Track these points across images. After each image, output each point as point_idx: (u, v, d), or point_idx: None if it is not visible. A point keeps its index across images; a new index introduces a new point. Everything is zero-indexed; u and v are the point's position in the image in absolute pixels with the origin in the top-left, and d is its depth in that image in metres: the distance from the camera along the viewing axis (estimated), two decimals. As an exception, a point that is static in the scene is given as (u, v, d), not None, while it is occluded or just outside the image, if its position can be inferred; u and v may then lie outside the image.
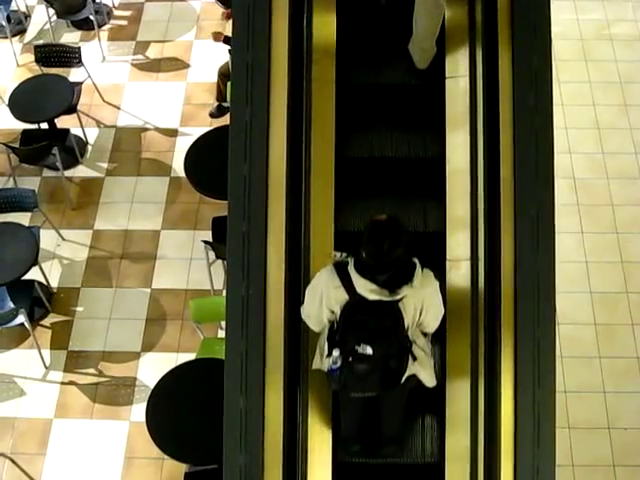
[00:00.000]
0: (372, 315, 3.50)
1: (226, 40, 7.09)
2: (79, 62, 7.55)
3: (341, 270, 3.51)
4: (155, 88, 8.10)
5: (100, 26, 8.56)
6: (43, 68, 7.60)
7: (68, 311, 6.57)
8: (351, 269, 3.47)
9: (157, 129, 7.74)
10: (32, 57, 7.70)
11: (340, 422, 4.18)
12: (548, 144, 3.80)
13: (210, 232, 6.35)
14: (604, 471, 5.58)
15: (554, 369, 3.69)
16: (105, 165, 7.49)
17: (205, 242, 6.11)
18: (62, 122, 7.39)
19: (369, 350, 3.48)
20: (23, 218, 6.71)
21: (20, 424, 6.03)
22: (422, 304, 3.56)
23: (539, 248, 3.73)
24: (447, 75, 4.48)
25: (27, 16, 8.87)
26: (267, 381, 3.77)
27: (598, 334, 6.15)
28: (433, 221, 4.52)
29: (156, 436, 5.10)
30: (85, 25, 8.60)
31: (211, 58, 8.00)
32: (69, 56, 7.55)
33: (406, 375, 3.70)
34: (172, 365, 5.61)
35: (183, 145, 7.17)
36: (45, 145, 6.83)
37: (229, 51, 6.70)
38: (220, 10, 8.11)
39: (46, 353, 6.32)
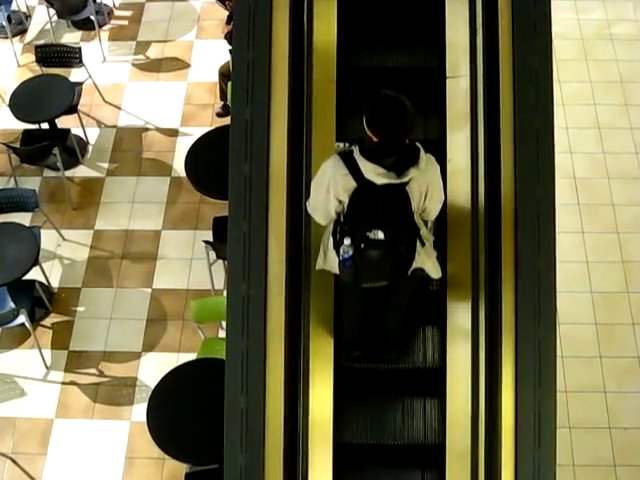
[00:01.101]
0: (381, 200, 3.51)
1: (228, 38, 7.10)
2: (80, 62, 7.56)
3: (347, 158, 3.52)
4: (156, 88, 8.10)
5: (101, 26, 8.56)
6: (44, 68, 7.60)
7: (69, 311, 6.57)
8: (357, 156, 3.48)
9: (158, 129, 7.74)
10: (33, 57, 7.70)
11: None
12: (549, 144, 3.80)
13: (211, 232, 6.35)
14: (605, 471, 5.58)
15: (555, 369, 3.69)
16: (106, 165, 7.50)
17: (206, 242, 6.11)
18: (63, 122, 7.40)
19: (380, 235, 3.50)
20: (24, 218, 6.71)
21: (21, 424, 6.03)
22: (427, 188, 3.60)
23: (540, 248, 3.73)
24: (447, 75, 4.48)
25: (28, 16, 8.87)
26: (268, 381, 3.77)
27: (599, 334, 6.15)
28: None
29: (157, 436, 5.10)
30: (86, 25, 8.61)
31: (212, 58, 8.01)
32: (70, 56, 7.55)
33: (413, 267, 3.72)
34: (173, 365, 5.60)
35: (184, 145, 7.18)
36: (46, 145, 6.83)
37: (230, 51, 6.71)
38: (221, 10, 8.10)
39: (47, 353, 6.33)
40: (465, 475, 4.03)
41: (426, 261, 3.82)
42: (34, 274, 6.32)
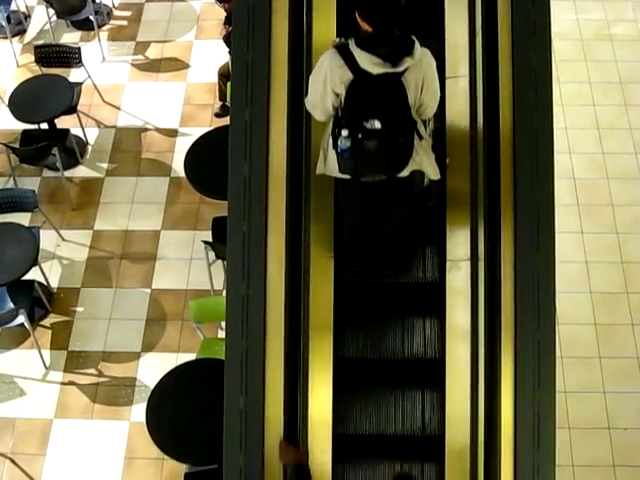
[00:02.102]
0: (378, 90, 3.57)
1: (226, 39, 7.10)
2: (79, 62, 7.55)
3: (343, 50, 3.58)
4: (155, 88, 8.10)
5: (100, 26, 8.56)
6: (43, 68, 7.60)
7: (68, 311, 6.57)
8: (353, 47, 3.54)
9: (157, 129, 7.74)
10: (32, 57, 7.70)
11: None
12: (548, 144, 3.80)
13: (210, 232, 6.35)
14: (604, 471, 5.58)
15: (554, 369, 3.69)
16: (105, 165, 7.49)
17: (205, 242, 6.11)
18: (62, 122, 7.39)
19: (377, 124, 3.55)
20: (23, 218, 6.71)
21: (20, 424, 6.03)
22: (422, 79, 3.64)
23: (539, 248, 3.73)
24: (447, 75, 4.48)
25: (27, 16, 8.87)
26: (267, 381, 3.77)
27: (598, 334, 6.15)
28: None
29: (156, 436, 5.10)
30: (85, 25, 8.60)
31: (211, 58, 8.01)
32: (69, 56, 7.55)
33: (410, 168, 3.77)
34: (172, 365, 5.61)
35: (183, 145, 7.17)
36: (45, 145, 6.83)
37: (229, 52, 6.71)
38: (220, 11, 8.10)
39: (46, 353, 6.32)
40: (464, 475, 4.03)
41: (424, 161, 3.85)
42: (33, 274, 6.32)
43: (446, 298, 4.26)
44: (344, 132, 3.62)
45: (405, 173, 3.81)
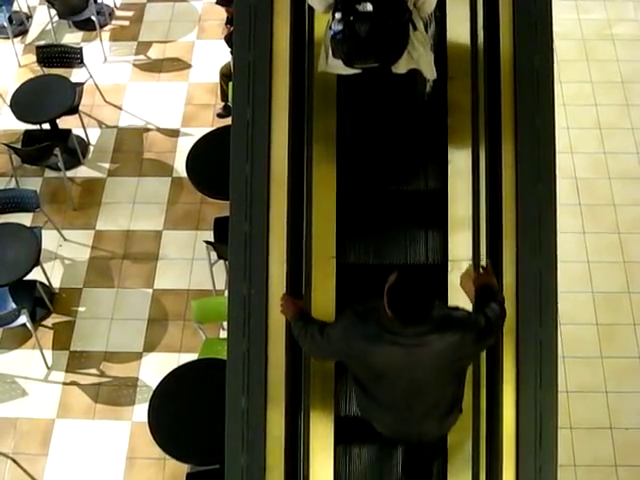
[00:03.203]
0: None
1: (228, 39, 7.10)
2: (81, 63, 7.56)
3: None
4: (157, 88, 8.10)
5: (102, 26, 8.56)
6: (45, 69, 7.60)
7: (70, 311, 6.57)
8: None
9: (159, 129, 7.75)
10: (34, 58, 7.71)
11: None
12: (550, 144, 3.80)
13: (212, 232, 6.35)
14: (606, 471, 5.58)
15: (556, 369, 3.69)
16: (107, 165, 7.50)
17: (207, 242, 6.11)
18: (64, 122, 7.40)
19: (369, 7, 3.58)
20: (25, 218, 6.71)
21: (22, 424, 6.04)
22: None
23: (541, 248, 3.73)
24: (449, 76, 4.48)
25: (29, 17, 8.88)
26: (269, 381, 3.77)
27: (600, 334, 6.15)
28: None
29: (158, 436, 5.10)
30: (87, 26, 8.60)
31: (213, 58, 8.01)
32: (71, 57, 7.55)
33: (407, 64, 3.77)
34: (174, 365, 5.60)
35: (185, 145, 7.18)
36: (47, 146, 6.83)
37: (231, 52, 6.71)
38: (221, 11, 8.10)
39: (48, 353, 6.33)
40: (467, 476, 4.03)
41: (422, 58, 3.84)
42: (35, 274, 6.32)
43: (447, 296, 4.25)
44: (337, 15, 3.65)
45: (402, 69, 3.80)
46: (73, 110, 7.29)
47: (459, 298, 3.82)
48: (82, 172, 7.47)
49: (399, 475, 4.24)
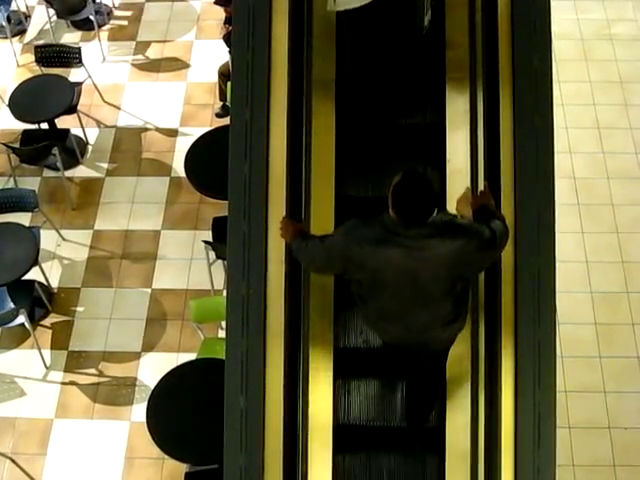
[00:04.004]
0: None
1: (226, 39, 7.10)
2: (79, 62, 7.55)
3: None
4: (155, 88, 8.10)
5: (100, 26, 8.56)
6: (43, 68, 7.60)
7: (68, 311, 6.57)
8: None
9: (157, 129, 7.74)
10: (32, 57, 7.70)
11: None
12: (548, 144, 3.80)
13: (210, 232, 6.35)
14: (604, 471, 5.58)
15: (554, 369, 3.69)
16: (105, 165, 7.49)
17: (205, 242, 6.11)
18: (62, 122, 7.39)
19: None
20: (23, 218, 6.71)
21: (21, 424, 6.03)
22: None
23: (539, 248, 3.73)
24: (447, 75, 4.48)
25: (27, 16, 8.87)
26: (267, 381, 3.77)
27: (598, 334, 6.15)
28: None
29: (156, 436, 5.10)
30: (85, 25, 8.60)
31: (211, 58, 8.01)
32: (69, 56, 7.55)
33: None
34: (173, 365, 5.60)
35: (183, 145, 7.17)
36: (45, 145, 6.83)
37: (229, 52, 6.71)
38: (220, 11, 8.10)
39: (46, 353, 6.33)
40: (465, 476, 4.03)
41: None
42: (34, 274, 6.32)
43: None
44: None
45: None
46: (71, 110, 7.29)
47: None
48: (80, 172, 7.47)
49: (400, 410, 4.30)
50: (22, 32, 8.73)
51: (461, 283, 3.50)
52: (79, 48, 7.60)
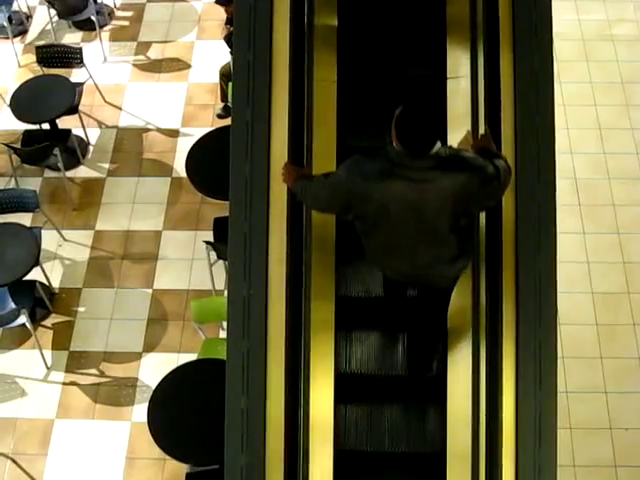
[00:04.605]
0: None
1: (228, 39, 7.10)
2: (80, 63, 7.56)
3: None
4: (156, 88, 8.10)
5: (101, 27, 8.56)
6: (44, 69, 7.61)
7: (69, 311, 6.57)
8: None
9: (158, 129, 7.75)
10: (34, 58, 7.71)
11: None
12: (550, 144, 3.80)
13: (211, 232, 6.35)
14: (606, 472, 5.58)
15: (555, 369, 3.69)
16: (106, 166, 7.50)
17: (206, 242, 6.11)
18: (63, 122, 7.40)
19: None
20: (25, 218, 6.71)
21: (21, 424, 6.04)
22: None
23: (540, 248, 3.73)
24: (448, 76, 4.48)
25: (28, 17, 8.88)
26: (268, 381, 3.77)
27: (599, 334, 6.15)
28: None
29: (157, 436, 5.10)
30: (86, 26, 8.61)
31: (212, 59, 8.01)
32: (70, 57, 7.56)
33: None
34: (174, 365, 5.60)
35: (184, 145, 7.18)
36: (46, 145, 6.83)
37: (230, 52, 6.71)
38: (221, 11, 8.11)
39: (47, 353, 6.33)
40: (466, 477, 4.03)
41: None
42: (35, 274, 6.32)
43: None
44: None
45: None
46: (73, 110, 7.29)
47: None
48: (82, 172, 7.47)
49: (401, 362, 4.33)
50: (23, 32, 8.74)
51: (465, 219, 3.52)
52: (80, 48, 7.60)
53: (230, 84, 5.29)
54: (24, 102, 7.18)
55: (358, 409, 4.41)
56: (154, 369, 6.12)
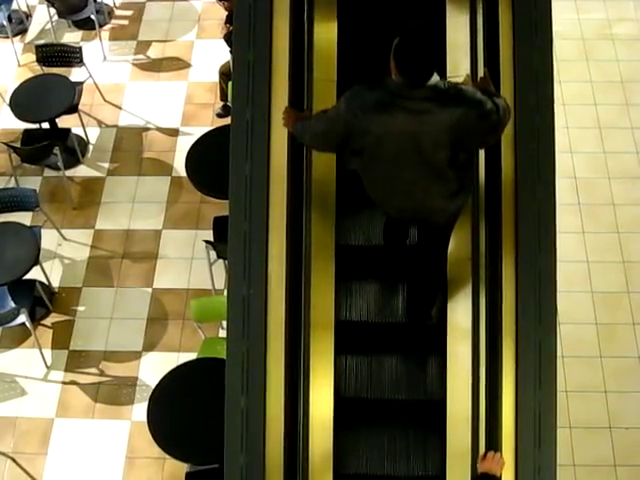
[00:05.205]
0: None
1: (227, 39, 7.10)
2: (80, 62, 7.56)
3: None
4: (156, 88, 8.10)
5: (101, 26, 8.56)
6: (44, 68, 7.60)
7: (69, 311, 6.57)
8: None
9: (158, 129, 7.75)
10: (33, 57, 7.71)
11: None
12: (549, 143, 3.80)
13: (211, 232, 6.35)
14: (605, 471, 5.58)
15: (555, 369, 3.69)
16: (106, 165, 7.50)
17: (206, 242, 6.11)
18: (63, 122, 7.40)
19: None
20: (24, 218, 6.71)
21: (21, 424, 6.04)
22: None
23: (540, 247, 3.73)
24: (448, 75, 4.47)
25: (28, 16, 8.88)
26: (268, 381, 3.77)
27: (599, 334, 6.15)
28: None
29: (157, 436, 5.10)
30: (86, 25, 8.60)
31: (212, 58, 8.01)
32: (70, 56, 7.55)
33: None
34: (173, 365, 5.60)
35: (184, 145, 7.17)
36: (46, 145, 6.83)
37: (230, 51, 6.71)
38: (221, 10, 8.11)
39: (47, 353, 6.33)
40: (466, 475, 4.03)
41: None
42: (35, 274, 6.32)
43: (447, 297, 4.26)
44: None
45: None
46: (72, 109, 7.29)
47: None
48: (81, 171, 7.47)
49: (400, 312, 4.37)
50: (23, 32, 8.73)
51: (464, 154, 3.54)
52: (80, 47, 7.60)
53: (230, 83, 5.29)
54: (24, 101, 7.18)
55: (358, 358, 4.43)
56: (154, 368, 6.12)
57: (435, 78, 3.33)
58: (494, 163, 3.99)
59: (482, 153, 4.22)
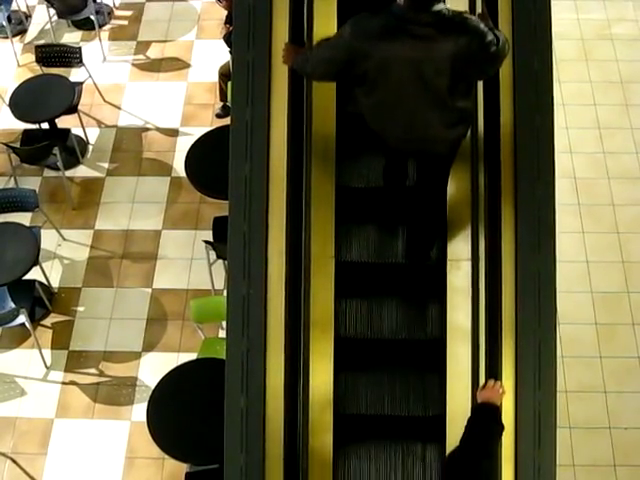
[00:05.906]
0: None
1: (227, 39, 7.10)
2: (80, 62, 7.56)
3: None
4: (156, 88, 8.10)
5: (101, 26, 8.56)
6: (44, 68, 7.60)
7: (69, 311, 6.57)
8: None
9: (158, 129, 7.75)
10: (33, 57, 7.70)
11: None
12: (549, 144, 3.80)
13: (211, 232, 6.35)
14: (605, 471, 5.58)
15: (555, 369, 3.69)
16: (106, 165, 7.50)
17: (206, 242, 6.11)
18: (63, 122, 7.40)
19: None
20: (24, 218, 6.71)
21: (21, 424, 6.03)
22: None
23: (540, 248, 3.74)
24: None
25: (28, 16, 8.87)
26: (267, 381, 3.77)
27: (599, 334, 6.15)
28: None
29: (157, 436, 5.10)
30: (86, 25, 8.61)
31: (212, 58, 8.01)
32: (70, 56, 7.55)
33: None
34: (173, 365, 5.60)
35: (184, 145, 7.17)
36: (46, 145, 6.83)
37: (230, 51, 6.71)
38: (220, 10, 8.11)
39: (47, 353, 6.33)
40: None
41: None
42: (34, 274, 6.32)
43: (447, 297, 4.26)
44: None
45: None
46: (72, 109, 7.29)
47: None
48: (81, 171, 7.47)
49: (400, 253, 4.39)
50: (23, 32, 8.73)
51: (464, 84, 3.56)
52: (80, 48, 7.60)
53: (229, 83, 5.29)
54: (23, 101, 7.18)
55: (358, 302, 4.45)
56: (153, 368, 6.12)
57: (440, 5, 3.36)
58: (494, 163, 3.99)
59: (482, 153, 4.22)
